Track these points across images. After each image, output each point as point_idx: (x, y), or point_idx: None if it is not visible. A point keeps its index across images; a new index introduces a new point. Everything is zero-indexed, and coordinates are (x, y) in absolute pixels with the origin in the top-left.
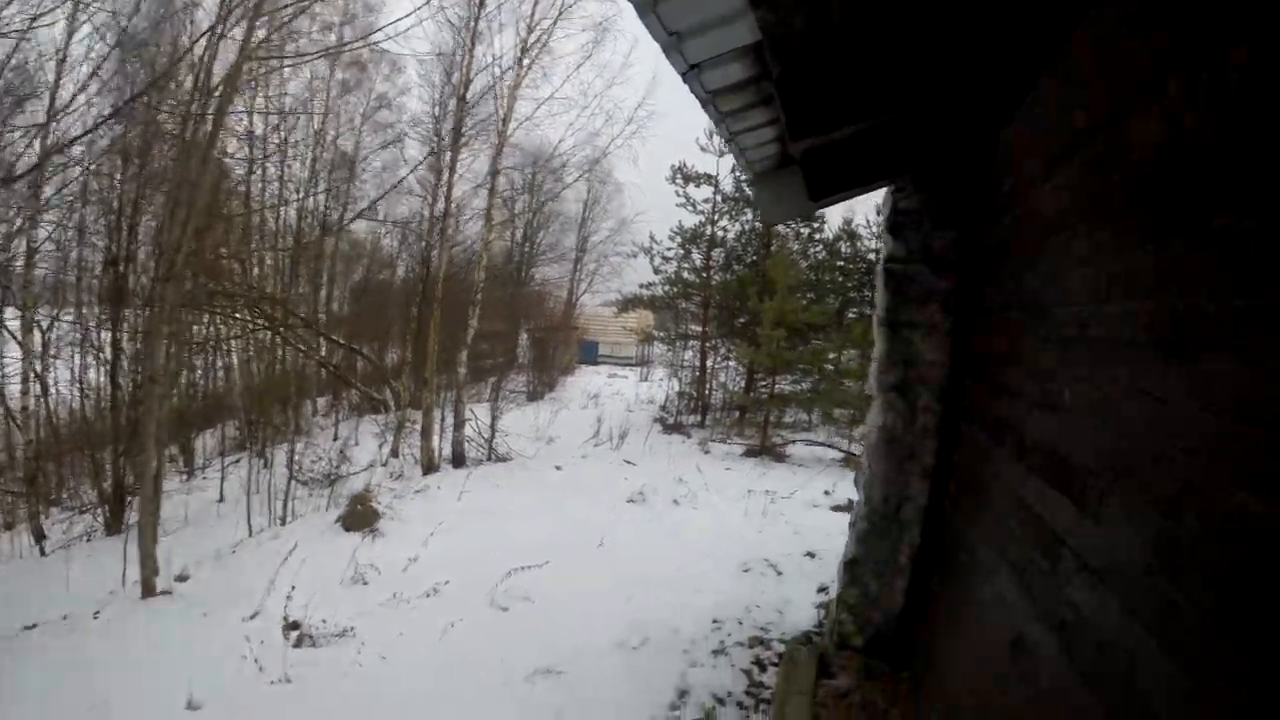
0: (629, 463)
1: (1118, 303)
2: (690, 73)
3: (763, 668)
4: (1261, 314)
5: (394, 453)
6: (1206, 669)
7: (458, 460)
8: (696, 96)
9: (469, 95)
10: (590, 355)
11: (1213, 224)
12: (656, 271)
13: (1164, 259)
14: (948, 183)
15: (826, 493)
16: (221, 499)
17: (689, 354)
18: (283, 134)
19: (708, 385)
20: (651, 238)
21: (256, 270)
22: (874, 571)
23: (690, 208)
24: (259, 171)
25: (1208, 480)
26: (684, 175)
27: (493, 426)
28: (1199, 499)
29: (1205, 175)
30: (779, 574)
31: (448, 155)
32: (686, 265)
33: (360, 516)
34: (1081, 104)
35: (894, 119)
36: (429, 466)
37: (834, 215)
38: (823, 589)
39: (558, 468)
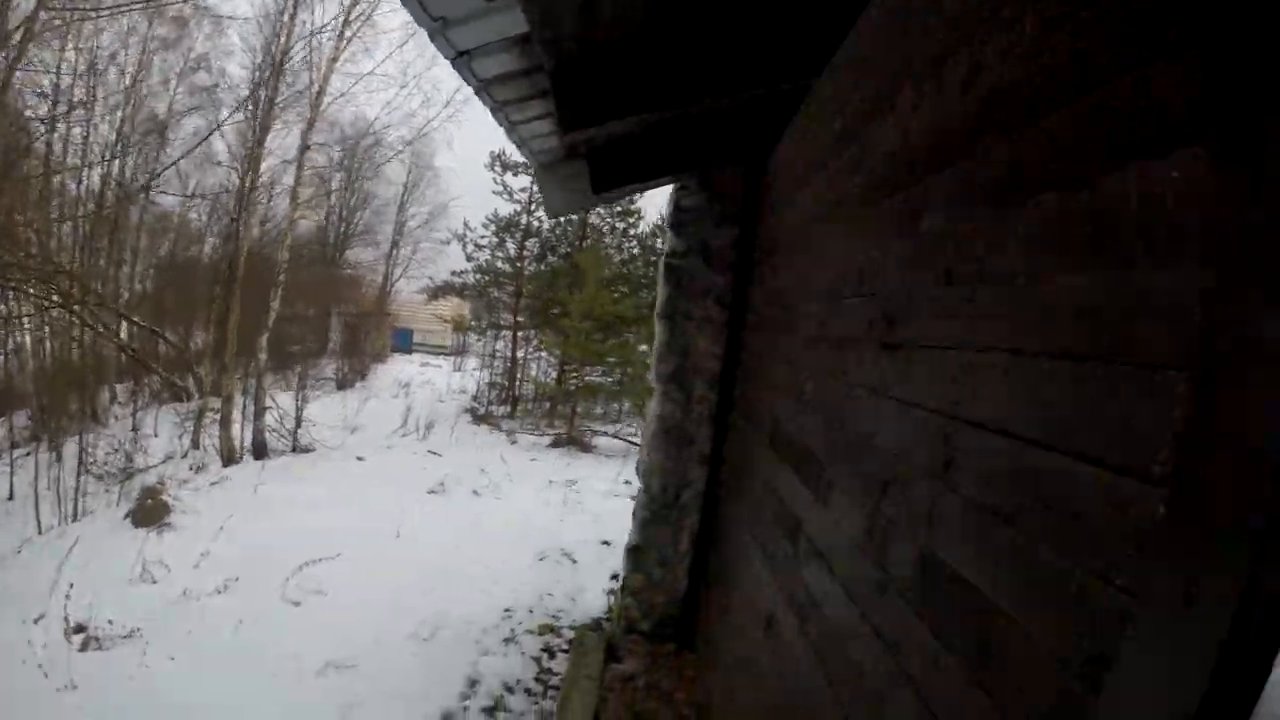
0: (434, 453)
1: (849, 301)
2: (460, 59)
3: (552, 655)
4: (960, 311)
5: (194, 444)
6: (906, 647)
7: (259, 451)
8: (469, 85)
9: (286, 64)
10: (404, 343)
11: (921, 225)
12: (469, 259)
13: (883, 260)
14: (729, 183)
15: (627, 482)
16: (11, 496)
17: (501, 344)
18: (89, 88)
19: (519, 376)
20: (465, 224)
21: (54, 241)
22: (657, 558)
23: (507, 196)
24: (61, 130)
25: (909, 469)
26: (503, 164)
27: (297, 416)
28: (901, 486)
29: (918, 178)
30: (574, 562)
31: (258, 126)
32: (500, 254)
33: (150, 511)
34: (839, 112)
35: (676, 118)
36: (229, 458)
37: (650, 212)
38: (615, 576)
39: (360, 458)
